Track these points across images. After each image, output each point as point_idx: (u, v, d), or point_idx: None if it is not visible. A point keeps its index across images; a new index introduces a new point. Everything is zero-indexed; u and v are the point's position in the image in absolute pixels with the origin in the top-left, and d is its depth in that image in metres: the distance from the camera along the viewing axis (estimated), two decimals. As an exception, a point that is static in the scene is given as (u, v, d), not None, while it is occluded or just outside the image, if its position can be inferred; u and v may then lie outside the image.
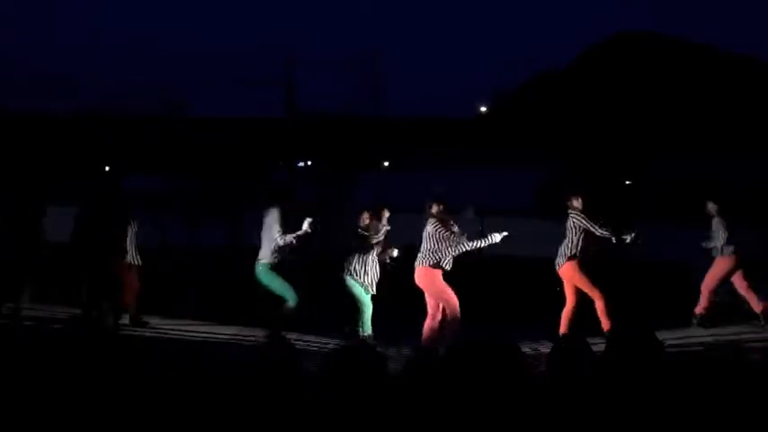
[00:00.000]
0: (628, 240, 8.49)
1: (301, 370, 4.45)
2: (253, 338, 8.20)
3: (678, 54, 24.22)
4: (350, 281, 8.40)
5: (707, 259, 9.53)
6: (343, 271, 8.45)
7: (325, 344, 8.32)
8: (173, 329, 9.27)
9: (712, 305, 9.41)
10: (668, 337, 8.06)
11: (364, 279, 8.41)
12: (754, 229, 14.50)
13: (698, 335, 8.85)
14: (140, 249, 9.46)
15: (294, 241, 8.00)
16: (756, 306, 9.12)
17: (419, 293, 8.27)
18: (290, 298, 7.92)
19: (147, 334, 8.85)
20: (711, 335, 8.87)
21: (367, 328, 8.34)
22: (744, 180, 19.51)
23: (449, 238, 8.06)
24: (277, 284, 7.98)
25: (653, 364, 4.82)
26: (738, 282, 9.27)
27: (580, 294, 8.49)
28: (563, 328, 8.45)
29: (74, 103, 24.38)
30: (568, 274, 8.45)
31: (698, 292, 9.46)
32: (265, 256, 8.02)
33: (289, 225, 8.20)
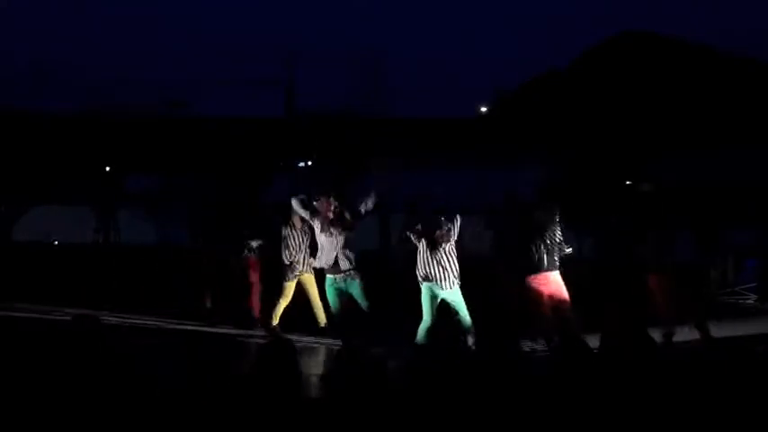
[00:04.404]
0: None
1: (300, 370, 4.44)
2: (252, 339, 8.20)
3: (678, 54, 24.19)
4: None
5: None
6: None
7: (325, 345, 8.32)
8: (173, 330, 9.28)
9: None
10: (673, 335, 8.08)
11: None
12: (753, 229, 14.51)
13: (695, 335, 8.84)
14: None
15: None
16: None
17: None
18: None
19: (152, 337, 8.85)
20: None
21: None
22: (744, 180, 19.50)
23: None
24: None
25: (648, 364, 4.83)
26: None
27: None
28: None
29: (74, 102, 24.29)
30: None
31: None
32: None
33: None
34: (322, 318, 8.88)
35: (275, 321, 8.89)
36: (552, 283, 8.10)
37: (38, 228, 20.64)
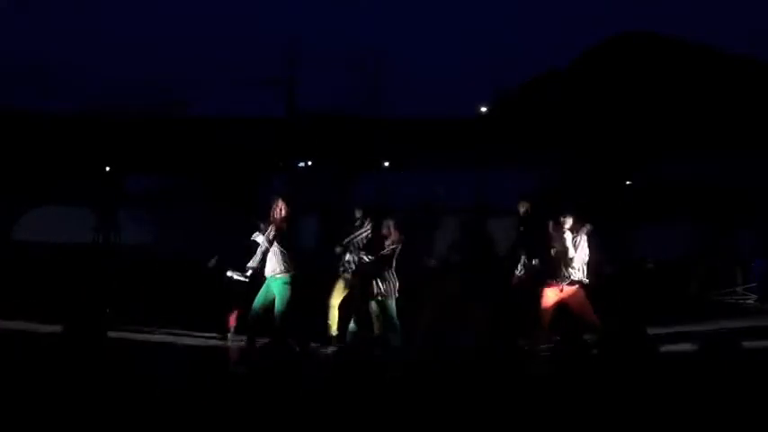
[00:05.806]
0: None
1: (302, 372, 4.46)
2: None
3: (678, 54, 24.19)
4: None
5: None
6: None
7: (325, 347, 8.31)
8: (174, 333, 9.28)
9: None
10: (663, 332, 8.11)
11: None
12: (753, 230, 14.52)
13: (693, 332, 8.87)
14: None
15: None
16: None
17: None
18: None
19: (152, 339, 8.81)
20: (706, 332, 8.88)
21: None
22: (744, 181, 19.51)
23: None
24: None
25: (646, 362, 4.83)
26: None
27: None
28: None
29: (74, 102, 24.33)
30: None
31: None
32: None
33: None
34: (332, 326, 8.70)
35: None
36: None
37: (38, 228, 20.64)
